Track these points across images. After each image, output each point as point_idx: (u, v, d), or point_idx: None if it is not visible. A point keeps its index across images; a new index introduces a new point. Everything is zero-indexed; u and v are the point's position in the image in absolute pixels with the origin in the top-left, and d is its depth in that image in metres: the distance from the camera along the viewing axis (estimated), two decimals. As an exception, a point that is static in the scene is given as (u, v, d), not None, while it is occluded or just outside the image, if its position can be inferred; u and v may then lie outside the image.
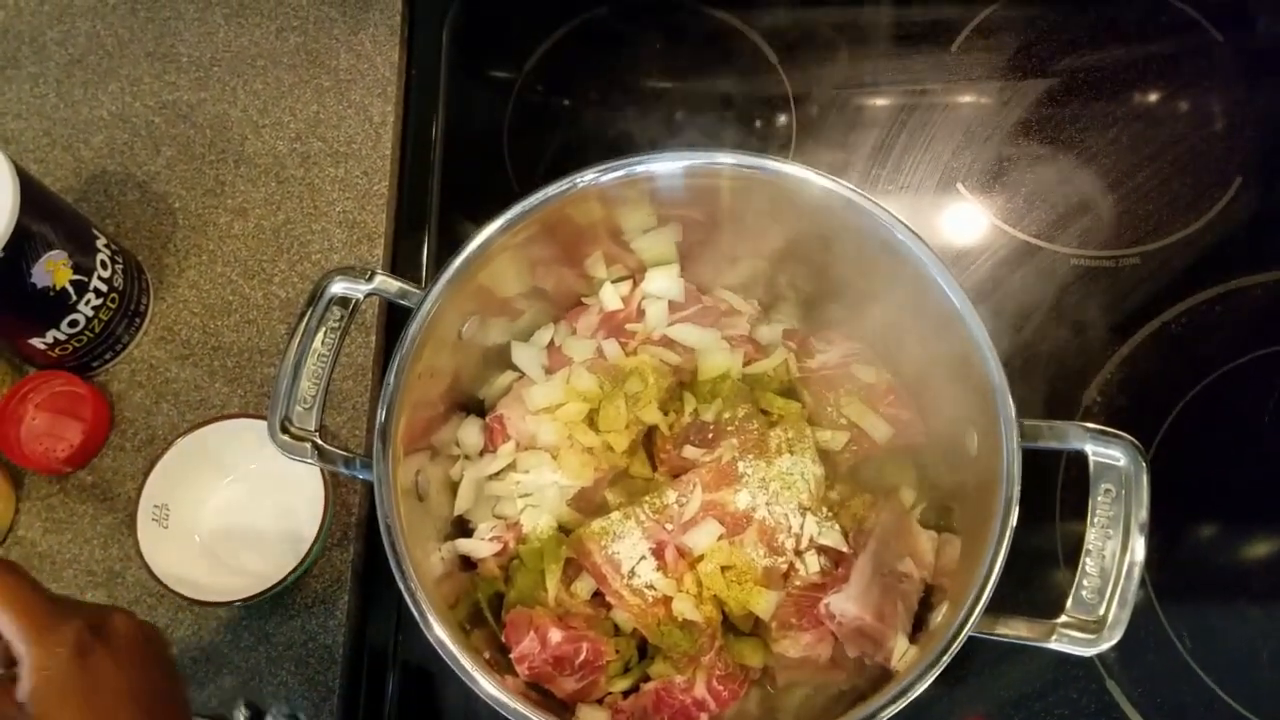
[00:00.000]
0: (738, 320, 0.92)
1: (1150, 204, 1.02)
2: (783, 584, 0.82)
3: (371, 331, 0.99)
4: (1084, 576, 0.67)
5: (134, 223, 1.05)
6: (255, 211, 1.05)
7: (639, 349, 0.90)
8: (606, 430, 0.86)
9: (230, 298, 1.02)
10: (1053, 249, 1.01)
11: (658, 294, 0.91)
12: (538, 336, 0.93)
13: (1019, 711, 0.86)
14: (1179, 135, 1.05)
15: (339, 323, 0.76)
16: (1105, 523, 0.68)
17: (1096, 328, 0.97)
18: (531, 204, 0.78)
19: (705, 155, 0.79)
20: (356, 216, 1.04)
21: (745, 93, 1.08)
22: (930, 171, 1.04)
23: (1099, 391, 0.95)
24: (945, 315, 0.74)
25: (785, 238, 0.85)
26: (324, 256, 1.03)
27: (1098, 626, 0.66)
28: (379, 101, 1.09)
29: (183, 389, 0.99)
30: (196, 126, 1.09)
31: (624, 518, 0.82)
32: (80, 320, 0.92)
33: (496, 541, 0.85)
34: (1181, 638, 0.87)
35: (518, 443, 0.87)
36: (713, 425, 0.86)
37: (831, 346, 0.90)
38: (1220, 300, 0.97)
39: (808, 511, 0.83)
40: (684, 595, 0.81)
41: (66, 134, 1.09)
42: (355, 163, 1.07)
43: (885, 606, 0.78)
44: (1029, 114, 1.07)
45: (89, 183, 1.07)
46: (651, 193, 0.83)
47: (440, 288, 0.76)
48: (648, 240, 0.89)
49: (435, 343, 0.79)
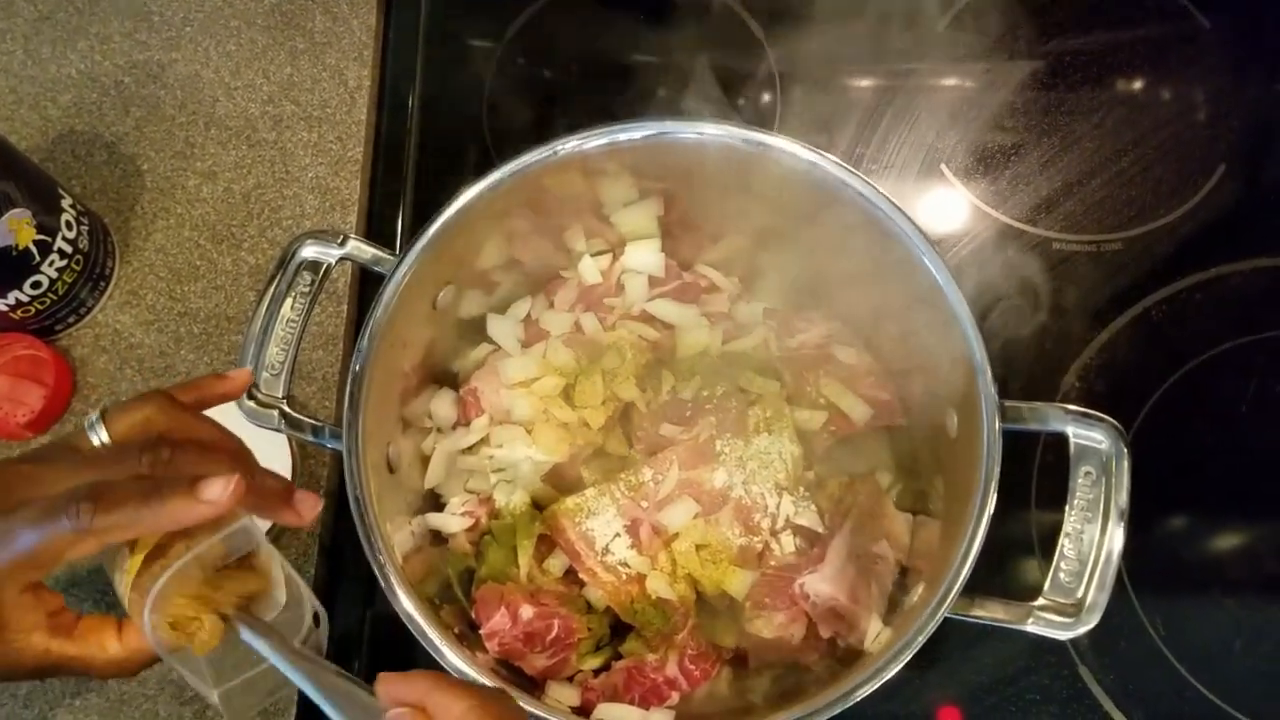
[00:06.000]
0: (718, 297, 0.91)
1: (1134, 190, 1.01)
2: (757, 564, 0.81)
3: (343, 301, 0.97)
4: (1062, 560, 0.67)
5: (100, 184, 1.02)
6: (225, 175, 1.03)
7: (617, 324, 0.89)
8: (583, 406, 0.85)
9: (198, 263, 0.99)
10: (1035, 232, 1.00)
11: (637, 268, 0.90)
12: (514, 309, 0.91)
13: (991, 696, 0.86)
14: (1164, 121, 1.04)
15: (310, 288, 0.74)
16: (1085, 506, 0.67)
17: (1077, 313, 0.96)
18: (512, 169, 0.76)
19: (691, 125, 0.77)
20: (330, 183, 1.02)
21: (729, 68, 1.06)
22: (914, 152, 1.03)
23: (1077, 377, 0.94)
24: (929, 294, 0.73)
25: (768, 213, 0.83)
26: (295, 223, 1.01)
27: (1075, 610, 0.66)
28: (355, 65, 1.06)
29: (147, 355, 0.96)
30: (167, 87, 1.06)
31: (599, 494, 0.81)
32: (43, 282, 0.90)
33: (468, 516, 0.84)
34: (1155, 625, 0.87)
35: (492, 417, 0.85)
36: (690, 403, 0.85)
37: (812, 326, 0.89)
38: (1201, 288, 0.97)
39: (784, 491, 0.83)
40: (658, 573, 0.80)
41: (33, 92, 1.06)
42: (329, 128, 1.04)
43: (859, 588, 0.77)
44: (1014, 96, 1.06)
45: (55, 142, 1.04)
46: (633, 164, 0.81)
47: (416, 253, 0.75)
48: (628, 214, 0.88)
49: (409, 311, 0.77)
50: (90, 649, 0.59)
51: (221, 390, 0.67)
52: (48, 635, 0.58)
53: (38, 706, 0.85)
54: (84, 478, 0.56)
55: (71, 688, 0.85)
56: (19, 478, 0.57)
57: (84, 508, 0.53)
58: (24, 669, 0.58)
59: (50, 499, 0.55)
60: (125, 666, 0.60)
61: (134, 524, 0.55)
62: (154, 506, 0.54)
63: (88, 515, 0.53)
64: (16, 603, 0.56)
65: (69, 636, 0.59)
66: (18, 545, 0.54)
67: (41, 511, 0.54)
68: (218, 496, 0.55)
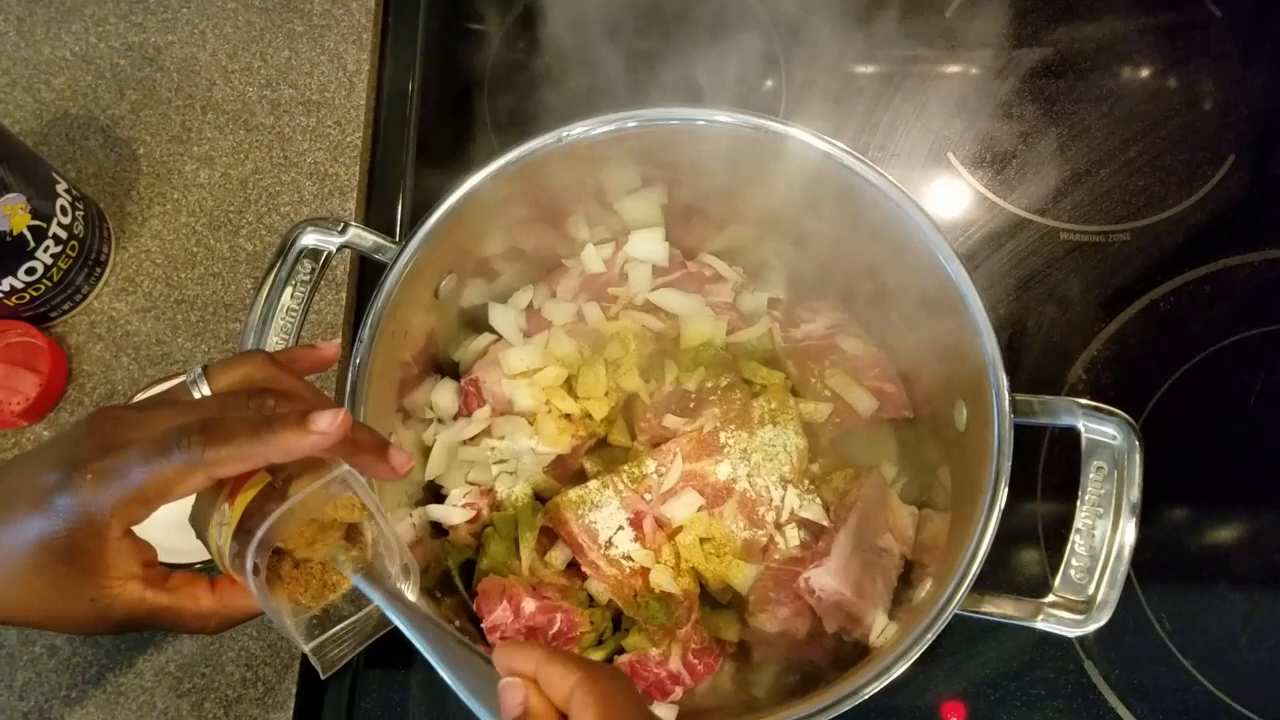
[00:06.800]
0: (722, 287, 0.90)
1: (1142, 179, 1.00)
2: (761, 557, 0.80)
3: (342, 289, 0.96)
4: (1073, 556, 0.66)
5: (96, 168, 1.01)
6: (222, 160, 1.01)
7: (620, 314, 0.88)
8: (585, 397, 0.84)
9: (195, 249, 0.98)
10: (1043, 222, 0.99)
11: (641, 257, 0.89)
12: (516, 298, 0.90)
13: (995, 691, 0.85)
14: (1173, 111, 1.03)
15: (310, 276, 0.73)
16: (1096, 501, 0.67)
17: (1084, 304, 0.95)
18: (517, 156, 0.75)
19: (704, 112, 0.76)
20: (328, 168, 1.01)
21: (734, 53, 1.05)
22: (921, 140, 1.02)
23: (1084, 369, 0.93)
24: (940, 286, 0.72)
25: (775, 202, 0.82)
26: (293, 209, 0.99)
27: (1086, 607, 0.65)
28: (354, 49, 1.05)
29: (144, 343, 0.95)
30: (163, 70, 1.04)
31: (602, 487, 0.80)
32: (38, 268, 0.88)
33: (470, 508, 0.83)
34: (1161, 619, 0.86)
35: (494, 407, 0.84)
36: (694, 394, 0.84)
37: (817, 317, 0.88)
38: (1210, 279, 0.96)
39: (789, 484, 0.82)
40: (662, 567, 0.79)
41: (27, 74, 1.04)
42: (328, 112, 1.03)
43: (865, 582, 0.76)
44: (1022, 84, 1.04)
45: (49, 126, 1.02)
46: (639, 151, 0.80)
47: (418, 241, 0.73)
48: (632, 201, 0.87)
49: (411, 300, 0.76)
50: (183, 600, 0.58)
51: (314, 359, 0.66)
52: (142, 584, 0.57)
53: (33, 698, 0.84)
54: (192, 419, 0.56)
55: (67, 680, 0.84)
56: (126, 420, 0.56)
57: (195, 440, 0.53)
58: (113, 619, 0.57)
59: (160, 434, 0.54)
60: (212, 621, 0.60)
61: (245, 456, 0.54)
62: (265, 438, 0.54)
63: (199, 447, 0.53)
64: (118, 546, 0.55)
65: (162, 587, 0.58)
66: (127, 480, 0.53)
67: (151, 446, 0.54)
68: (327, 426, 0.55)
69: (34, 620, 0.56)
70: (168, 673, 0.85)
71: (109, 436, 0.55)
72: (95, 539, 0.54)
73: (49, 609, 0.56)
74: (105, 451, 0.54)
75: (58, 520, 0.53)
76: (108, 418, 0.57)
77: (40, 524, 0.54)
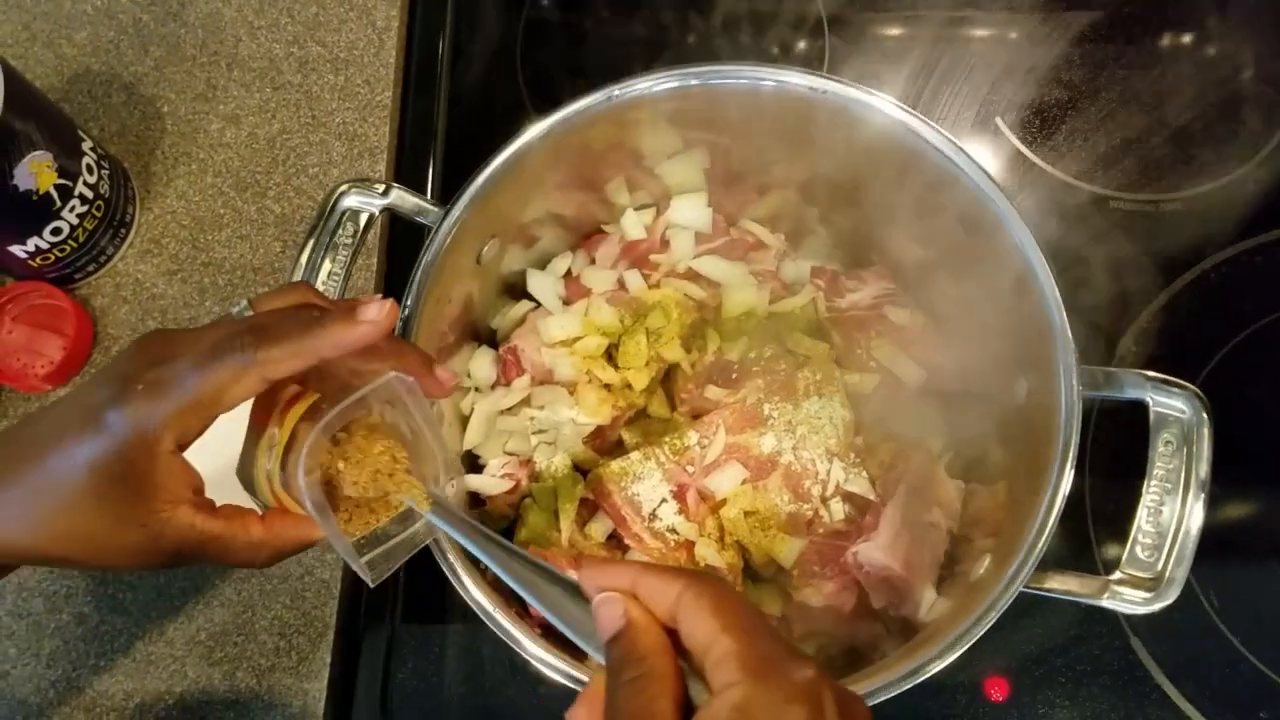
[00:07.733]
0: (765, 255, 0.88)
1: (1194, 147, 0.98)
2: (806, 531, 0.78)
3: (373, 254, 0.94)
4: (1140, 533, 0.65)
5: (119, 126, 0.98)
6: (249, 119, 0.98)
7: (662, 282, 0.85)
8: (626, 367, 0.82)
9: (221, 211, 0.96)
10: (1092, 190, 0.96)
11: (684, 223, 0.86)
12: (555, 265, 0.88)
13: (1040, 666, 0.84)
14: (1225, 77, 1.00)
15: (352, 239, 0.71)
16: (1164, 476, 0.65)
17: (1134, 274, 0.93)
18: (565, 115, 0.72)
19: (771, 71, 0.73)
20: (357, 129, 0.98)
21: (775, 13, 1.02)
22: (968, 104, 0.99)
23: (1135, 341, 0.91)
24: (1004, 256, 0.70)
25: (828, 168, 0.80)
26: (322, 170, 0.97)
27: (1154, 584, 0.64)
28: (383, 5, 1.02)
29: (170, 306, 0.93)
30: (187, 25, 1.01)
31: (644, 458, 0.78)
32: (64, 228, 0.86)
33: (508, 479, 0.81)
34: (1209, 597, 0.85)
35: (533, 377, 0.82)
36: (737, 365, 0.82)
37: (863, 286, 0.86)
38: (1263, 250, 0.93)
39: (834, 457, 0.80)
40: (706, 540, 0.77)
41: (48, 29, 1.01)
42: (356, 70, 1.00)
43: (914, 557, 0.75)
44: (1071, 48, 1.02)
45: (71, 82, 0.99)
46: (687, 112, 0.77)
47: (464, 204, 0.71)
48: (674, 165, 0.84)
49: (454, 266, 0.74)
50: (234, 529, 0.57)
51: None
52: (193, 509, 0.55)
53: (60, 667, 0.83)
54: (242, 327, 0.55)
55: (95, 648, 0.83)
56: (175, 337, 0.56)
57: (248, 340, 0.53)
58: (164, 547, 0.55)
59: (210, 341, 0.54)
60: (263, 552, 0.58)
61: (298, 353, 0.54)
62: (315, 332, 0.54)
63: (252, 348, 0.53)
64: (170, 465, 0.54)
65: (212, 514, 0.57)
66: (181, 388, 0.52)
67: (204, 351, 0.53)
68: (376, 315, 0.55)
69: (81, 554, 0.55)
70: (199, 641, 0.84)
71: (160, 352, 0.54)
72: (148, 455, 0.53)
73: (100, 538, 0.54)
74: (156, 364, 0.53)
75: (109, 438, 0.52)
76: (157, 336, 0.56)
77: (91, 445, 0.52)
